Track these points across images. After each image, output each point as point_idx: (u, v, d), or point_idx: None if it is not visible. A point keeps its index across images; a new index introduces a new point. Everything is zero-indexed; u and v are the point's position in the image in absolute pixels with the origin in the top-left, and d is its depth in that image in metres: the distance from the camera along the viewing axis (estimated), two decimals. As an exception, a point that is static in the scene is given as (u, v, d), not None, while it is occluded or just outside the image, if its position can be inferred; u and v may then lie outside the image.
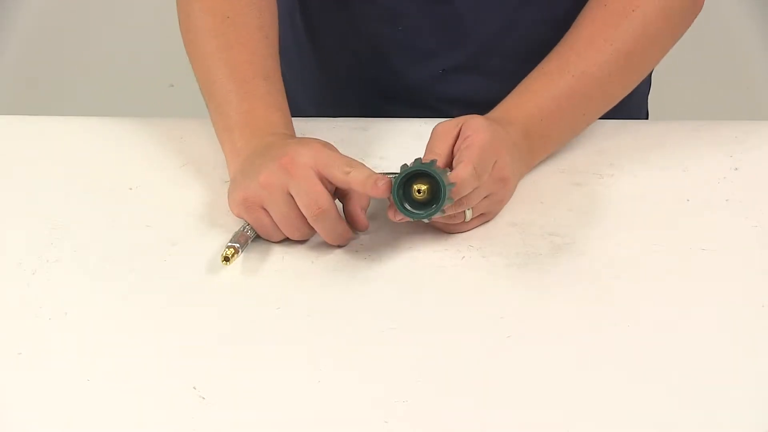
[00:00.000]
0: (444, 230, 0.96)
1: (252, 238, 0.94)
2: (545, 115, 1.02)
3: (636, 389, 0.82)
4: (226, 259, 0.91)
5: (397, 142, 1.08)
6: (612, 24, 1.05)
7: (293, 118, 1.07)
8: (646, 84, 1.26)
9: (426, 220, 0.90)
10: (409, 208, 0.90)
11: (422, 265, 0.94)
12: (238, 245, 0.92)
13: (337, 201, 0.94)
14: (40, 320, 0.87)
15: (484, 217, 0.97)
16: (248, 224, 0.94)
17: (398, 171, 0.90)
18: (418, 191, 0.89)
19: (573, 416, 0.80)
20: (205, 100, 1.04)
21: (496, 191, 0.95)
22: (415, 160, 0.91)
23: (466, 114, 0.97)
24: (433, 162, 0.90)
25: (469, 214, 0.95)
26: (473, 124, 0.94)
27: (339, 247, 0.95)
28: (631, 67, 1.06)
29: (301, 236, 0.94)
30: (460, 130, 0.95)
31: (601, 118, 1.08)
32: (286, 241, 0.95)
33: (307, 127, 1.08)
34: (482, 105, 1.06)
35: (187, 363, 0.84)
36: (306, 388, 0.82)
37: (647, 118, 1.29)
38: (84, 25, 2.35)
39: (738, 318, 0.89)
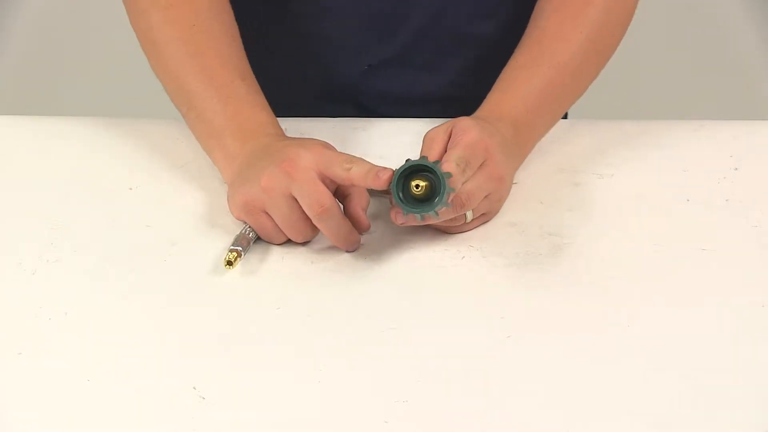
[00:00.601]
0: (445, 230, 0.96)
1: (254, 240, 0.94)
2: (530, 109, 1.03)
3: (636, 389, 0.82)
4: (229, 263, 0.91)
5: (397, 142, 1.08)
6: (577, 13, 1.06)
7: (293, 119, 1.07)
8: None
9: (420, 219, 0.90)
10: (402, 199, 0.90)
11: (422, 265, 0.94)
12: (241, 249, 0.92)
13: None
14: (40, 320, 0.87)
15: (484, 217, 0.98)
16: (249, 226, 0.94)
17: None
18: (417, 186, 0.90)
19: (573, 416, 0.80)
20: (182, 109, 1.03)
21: (493, 190, 0.96)
22: (421, 158, 0.91)
23: (394, 110, 0.96)
24: (437, 162, 0.90)
25: (469, 215, 0.95)
26: (462, 125, 0.95)
27: (347, 251, 0.94)
28: (600, 53, 1.08)
29: (304, 238, 0.94)
30: (450, 133, 0.95)
31: None
32: (286, 241, 0.95)
33: (307, 127, 1.08)
34: (411, 100, 1.06)
35: (187, 363, 0.84)
36: (306, 388, 0.82)
37: (566, 118, 1.30)
38: (84, 25, 2.35)
39: (738, 318, 0.89)
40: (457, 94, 1.18)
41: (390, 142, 1.08)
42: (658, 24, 2.32)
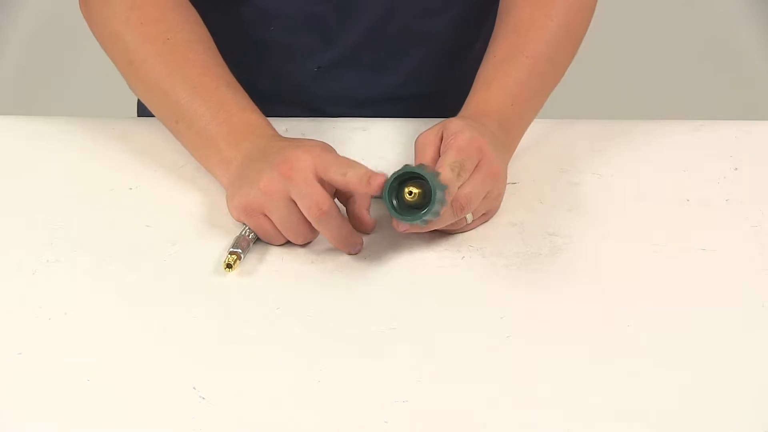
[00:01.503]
0: (446, 231, 0.96)
1: (253, 241, 0.94)
2: (514, 101, 1.03)
3: (636, 389, 0.82)
4: (229, 266, 0.91)
5: (397, 142, 1.08)
6: (546, 0, 1.07)
7: (293, 119, 1.07)
8: None
9: (409, 226, 0.90)
10: (396, 207, 0.90)
11: (422, 265, 0.94)
12: (240, 251, 0.92)
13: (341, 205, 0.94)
14: (40, 320, 0.87)
15: (485, 217, 0.98)
16: (249, 227, 0.94)
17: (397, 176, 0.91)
18: (410, 193, 0.89)
19: (573, 416, 0.80)
20: (170, 123, 1.03)
21: (491, 188, 0.95)
22: (418, 165, 0.91)
23: (347, 111, 0.99)
24: (434, 173, 0.90)
25: (470, 217, 0.95)
26: (451, 127, 0.95)
27: (349, 254, 0.94)
28: (573, 38, 1.09)
29: (304, 240, 0.94)
30: (441, 136, 0.95)
31: None
32: (286, 242, 0.95)
33: (308, 127, 1.08)
34: (364, 100, 1.05)
35: (186, 363, 0.84)
36: (306, 388, 0.82)
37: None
38: (84, 25, 2.35)
39: (738, 318, 0.89)
40: (412, 92, 1.18)
41: (390, 142, 1.08)
42: (659, 24, 2.32)
